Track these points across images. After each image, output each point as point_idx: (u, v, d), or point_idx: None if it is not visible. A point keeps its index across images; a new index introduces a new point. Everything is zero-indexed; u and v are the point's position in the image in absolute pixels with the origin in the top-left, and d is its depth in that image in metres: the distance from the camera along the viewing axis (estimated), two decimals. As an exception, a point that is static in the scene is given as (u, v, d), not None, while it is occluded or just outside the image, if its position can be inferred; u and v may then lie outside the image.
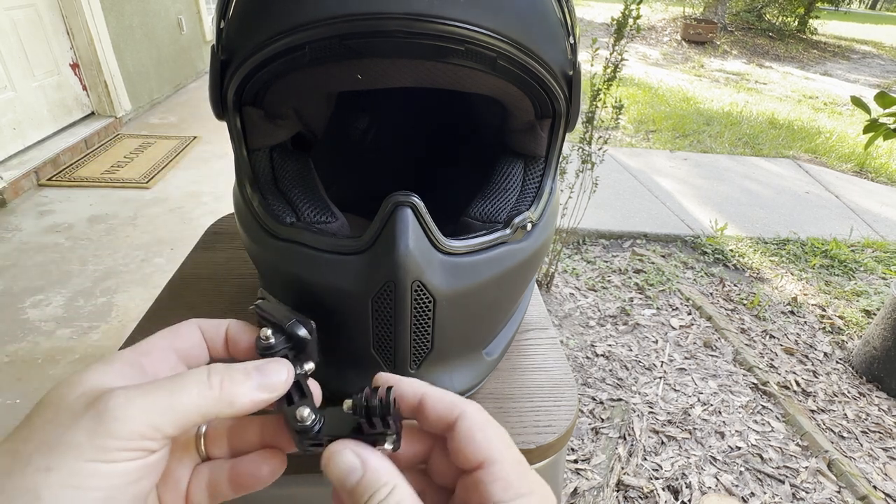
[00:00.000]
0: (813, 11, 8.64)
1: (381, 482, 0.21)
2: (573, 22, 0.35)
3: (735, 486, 1.29)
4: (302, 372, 0.27)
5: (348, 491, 0.22)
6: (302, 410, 0.24)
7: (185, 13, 3.89)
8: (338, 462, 0.22)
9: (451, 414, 0.23)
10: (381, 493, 0.21)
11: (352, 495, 0.22)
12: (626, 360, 1.68)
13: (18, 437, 0.19)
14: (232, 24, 0.32)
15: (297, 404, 0.25)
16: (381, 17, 0.28)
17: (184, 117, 3.29)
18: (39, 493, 0.18)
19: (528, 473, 0.22)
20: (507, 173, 0.40)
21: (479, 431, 0.22)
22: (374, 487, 0.21)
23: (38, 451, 0.19)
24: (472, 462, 0.22)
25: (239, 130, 0.35)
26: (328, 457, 0.23)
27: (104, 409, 0.19)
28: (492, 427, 0.23)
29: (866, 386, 1.65)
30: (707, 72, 6.22)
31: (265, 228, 0.35)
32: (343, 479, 0.22)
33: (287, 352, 0.28)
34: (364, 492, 0.21)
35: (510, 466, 0.22)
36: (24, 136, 2.45)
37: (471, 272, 0.33)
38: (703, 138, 3.79)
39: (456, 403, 0.24)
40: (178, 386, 0.22)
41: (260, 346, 0.27)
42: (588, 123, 1.68)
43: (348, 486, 0.22)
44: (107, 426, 0.19)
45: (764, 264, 2.28)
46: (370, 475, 0.22)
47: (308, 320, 0.29)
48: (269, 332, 0.27)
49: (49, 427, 0.19)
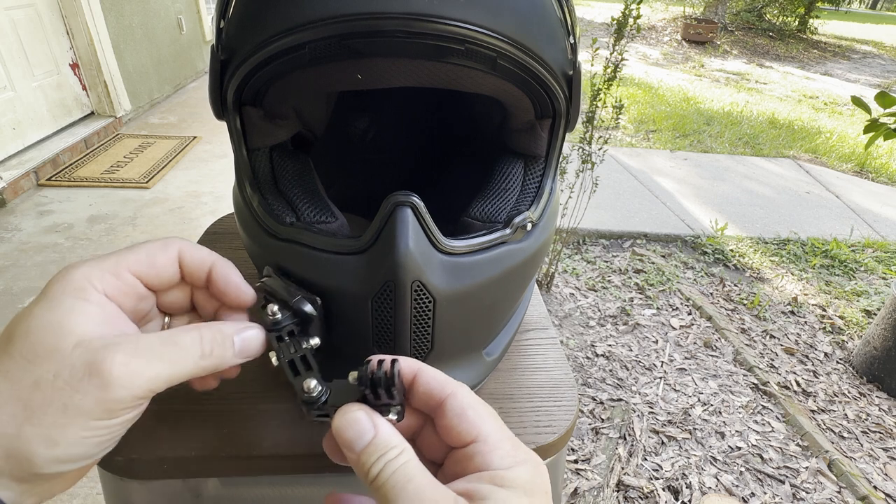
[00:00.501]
0: (813, 11, 8.64)
1: (391, 444, 0.22)
2: (573, 21, 0.35)
3: (735, 487, 1.29)
4: (308, 346, 0.28)
5: (358, 452, 0.22)
6: (309, 381, 0.25)
7: (184, 13, 3.89)
8: (350, 422, 0.23)
9: (443, 392, 0.24)
10: (391, 454, 0.22)
11: (361, 456, 0.22)
12: (626, 360, 1.68)
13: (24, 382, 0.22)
14: (232, 23, 0.32)
15: (304, 376, 0.26)
16: (380, 17, 0.28)
17: (183, 117, 3.29)
18: (57, 440, 0.22)
19: (520, 445, 0.23)
20: (507, 173, 0.39)
21: (470, 409, 0.24)
22: (384, 449, 0.22)
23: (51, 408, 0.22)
24: (465, 438, 0.23)
25: (239, 130, 0.35)
26: (341, 418, 0.23)
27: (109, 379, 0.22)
28: (482, 405, 0.24)
29: (867, 386, 1.65)
30: (707, 72, 6.22)
31: (265, 228, 0.35)
32: (354, 441, 0.22)
33: (293, 327, 0.29)
34: (375, 452, 0.22)
35: (504, 439, 0.23)
36: (23, 136, 2.45)
37: (471, 272, 0.33)
38: (704, 138, 3.79)
39: (447, 383, 0.25)
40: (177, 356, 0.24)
41: (267, 321, 0.28)
42: (588, 123, 1.68)
43: (358, 448, 0.22)
44: (113, 394, 0.22)
45: (764, 264, 2.28)
46: (381, 437, 0.22)
47: (314, 297, 0.30)
48: (276, 307, 0.28)
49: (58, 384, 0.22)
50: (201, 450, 0.36)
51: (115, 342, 0.23)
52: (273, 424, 0.38)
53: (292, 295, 0.30)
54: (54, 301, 0.24)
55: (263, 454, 0.36)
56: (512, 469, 0.22)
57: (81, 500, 1.13)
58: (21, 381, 0.22)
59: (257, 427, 0.37)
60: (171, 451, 0.35)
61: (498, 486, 0.21)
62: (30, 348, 0.22)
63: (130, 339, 0.24)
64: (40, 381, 0.22)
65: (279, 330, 0.28)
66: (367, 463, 0.22)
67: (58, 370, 0.22)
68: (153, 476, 0.36)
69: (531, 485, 0.22)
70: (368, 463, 0.22)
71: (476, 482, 0.21)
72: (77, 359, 0.22)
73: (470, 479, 0.22)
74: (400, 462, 0.21)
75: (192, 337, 0.25)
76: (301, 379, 0.26)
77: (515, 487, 0.21)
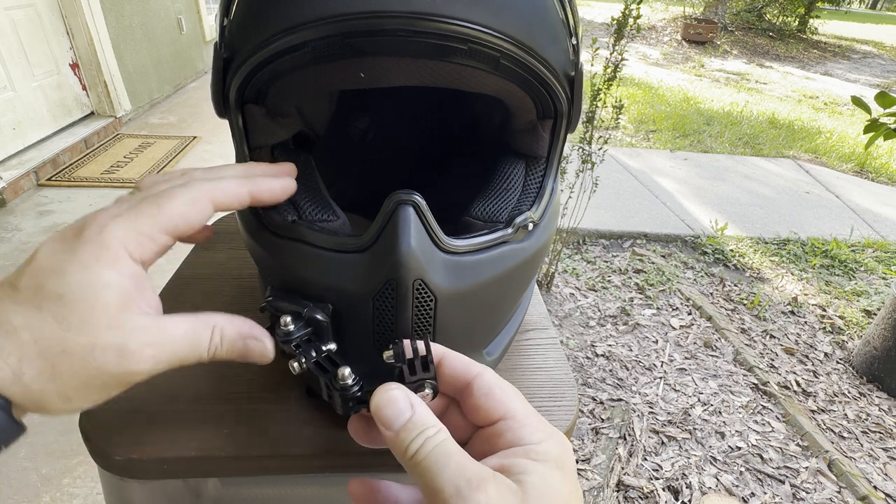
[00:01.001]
0: (813, 11, 8.64)
1: (429, 423, 0.22)
2: (576, 22, 0.35)
3: (735, 487, 1.29)
4: (326, 349, 0.29)
5: (396, 430, 0.22)
6: (343, 370, 0.26)
7: (184, 13, 3.89)
8: (389, 400, 0.23)
9: (469, 373, 0.25)
10: (429, 432, 0.22)
11: (400, 433, 0.22)
12: (626, 361, 1.68)
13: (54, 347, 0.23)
14: (235, 21, 0.32)
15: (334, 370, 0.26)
16: (383, 16, 0.28)
17: (184, 117, 3.29)
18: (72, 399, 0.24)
19: (545, 421, 0.24)
20: (508, 173, 0.39)
21: (497, 388, 0.25)
22: (422, 427, 0.22)
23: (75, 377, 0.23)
24: (493, 416, 0.24)
25: (241, 129, 0.35)
26: (380, 396, 0.24)
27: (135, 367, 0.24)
28: (507, 385, 0.25)
29: (867, 386, 1.65)
30: (707, 72, 6.22)
31: (266, 226, 0.35)
32: (392, 419, 0.23)
33: (308, 335, 0.29)
34: (414, 429, 0.22)
35: (532, 416, 0.24)
36: (23, 136, 2.45)
37: (472, 271, 0.33)
38: (704, 138, 3.79)
39: (472, 364, 0.26)
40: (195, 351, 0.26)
41: (280, 333, 0.29)
42: (588, 123, 1.68)
43: (396, 426, 0.23)
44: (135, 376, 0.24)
45: (764, 264, 2.28)
46: (419, 416, 0.23)
47: (325, 304, 0.31)
48: (289, 318, 0.29)
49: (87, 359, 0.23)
50: (201, 450, 0.36)
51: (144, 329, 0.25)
52: (273, 424, 0.38)
53: (302, 305, 0.30)
54: (89, 270, 0.24)
55: (263, 454, 0.36)
56: (543, 443, 0.22)
57: (81, 500, 1.13)
58: (51, 346, 0.23)
59: (257, 427, 0.37)
60: (171, 451, 0.35)
61: (532, 459, 0.22)
62: (62, 315, 0.23)
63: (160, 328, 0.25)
64: (69, 351, 0.23)
65: (293, 340, 0.29)
66: (407, 440, 0.22)
67: (89, 347, 0.23)
68: (153, 476, 0.36)
69: (561, 459, 0.22)
70: (408, 440, 0.22)
71: (511, 457, 0.22)
72: (109, 340, 0.23)
73: (504, 455, 0.22)
74: (439, 439, 0.22)
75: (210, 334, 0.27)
76: (333, 373, 0.26)
77: (548, 461, 0.22)
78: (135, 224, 0.25)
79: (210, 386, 0.41)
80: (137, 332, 0.24)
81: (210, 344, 0.27)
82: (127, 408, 0.38)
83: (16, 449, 1.18)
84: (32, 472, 1.17)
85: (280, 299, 0.31)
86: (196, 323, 0.27)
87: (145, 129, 3.05)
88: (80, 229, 0.25)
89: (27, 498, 1.13)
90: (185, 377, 0.41)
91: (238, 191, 0.30)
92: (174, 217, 0.27)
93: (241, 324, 0.28)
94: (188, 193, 0.27)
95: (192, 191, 0.28)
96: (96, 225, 0.25)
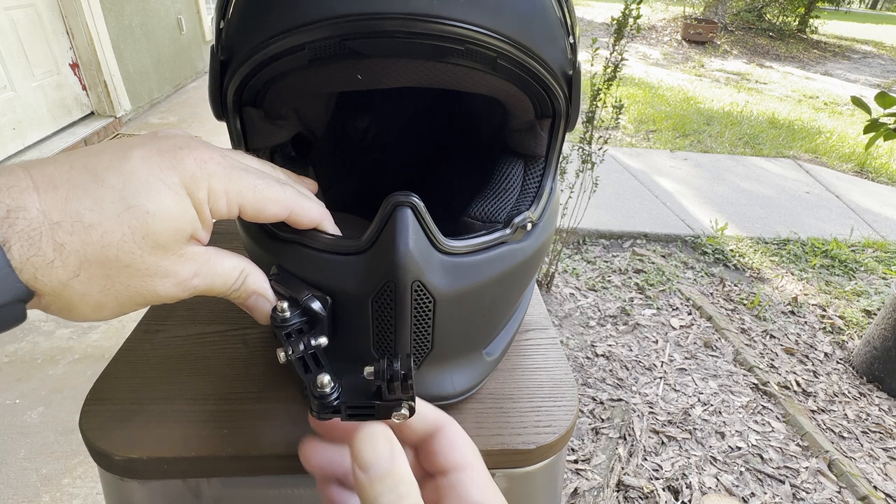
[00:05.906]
0: (813, 11, 8.63)
1: (406, 480, 0.22)
2: (573, 21, 0.35)
3: (735, 487, 1.29)
4: (316, 343, 0.28)
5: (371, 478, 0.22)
6: (322, 377, 0.25)
7: (184, 13, 3.89)
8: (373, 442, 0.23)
9: (438, 421, 0.26)
10: (403, 490, 0.22)
11: (375, 483, 0.22)
12: (626, 360, 1.68)
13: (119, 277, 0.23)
14: (231, 24, 0.32)
15: (315, 372, 0.26)
16: (380, 17, 0.28)
17: (183, 117, 3.29)
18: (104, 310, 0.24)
19: (494, 484, 0.25)
20: (507, 173, 0.39)
21: (463, 439, 0.26)
22: (398, 483, 0.22)
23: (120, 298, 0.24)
24: (452, 464, 0.25)
25: (239, 131, 0.35)
26: (364, 433, 0.23)
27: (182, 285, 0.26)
28: (470, 440, 0.27)
29: (867, 386, 1.65)
30: (707, 71, 6.22)
31: (265, 228, 0.35)
32: (371, 464, 0.22)
33: (302, 325, 0.29)
34: (391, 484, 0.22)
35: (485, 475, 0.25)
36: (23, 136, 2.45)
37: (471, 272, 0.33)
38: (704, 138, 3.79)
39: (442, 414, 0.27)
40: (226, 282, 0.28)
41: (276, 319, 0.28)
42: (588, 123, 1.68)
43: (373, 473, 0.22)
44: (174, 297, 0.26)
45: (764, 264, 2.28)
46: (399, 471, 0.22)
47: (324, 296, 0.31)
48: (286, 304, 0.29)
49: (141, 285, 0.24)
50: (201, 450, 0.36)
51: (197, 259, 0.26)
52: (273, 424, 0.38)
53: (302, 293, 0.30)
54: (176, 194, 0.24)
55: (263, 454, 0.36)
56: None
57: (81, 500, 1.14)
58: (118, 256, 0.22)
59: (257, 427, 0.38)
60: (171, 451, 0.35)
61: None
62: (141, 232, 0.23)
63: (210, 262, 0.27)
64: (133, 267, 0.23)
65: (287, 328, 0.28)
66: (380, 492, 0.22)
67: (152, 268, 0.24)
68: (153, 476, 0.36)
69: None
70: (381, 493, 0.22)
71: None
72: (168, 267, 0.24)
73: None
74: (411, 501, 0.22)
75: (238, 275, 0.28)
76: (313, 375, 0.26)
77: None
78: (227, 185, 0.26)
79: (210, 386, 0.41)
80: (190, 262, 0.25)
81: (234, 282, 0.28)
82: (127, 408, 0.38)
83: (16, 449, 1.18)
84: (32, 472, 1.17)
85: (281, 282, 0.31)
86: (236, 263, 0.28)
87: (145, 129, 3.05)
88: (178, 149, 0.25)
89: (27, 498, 1.13)
90: (185, 377, 0.42)
91: (313, 214, 0.31)
92: (256, 206, 0.27)
93: (261, 280, 0.30)
94: (284, 195, 0.29)
95: (286, 194, 0.29)
96: (198, 159, 0.25)
